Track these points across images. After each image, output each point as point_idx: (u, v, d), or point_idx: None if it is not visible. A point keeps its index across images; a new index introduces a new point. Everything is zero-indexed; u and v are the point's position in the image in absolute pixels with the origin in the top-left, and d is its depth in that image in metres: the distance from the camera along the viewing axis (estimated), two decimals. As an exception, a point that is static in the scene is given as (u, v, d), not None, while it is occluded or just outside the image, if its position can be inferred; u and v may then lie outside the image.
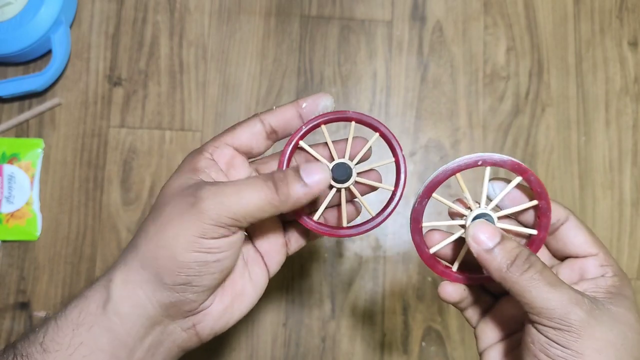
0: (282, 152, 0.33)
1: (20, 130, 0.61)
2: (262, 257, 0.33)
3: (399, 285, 0.59)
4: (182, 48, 0.62)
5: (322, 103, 0.32)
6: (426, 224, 0.33)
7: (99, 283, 0.29)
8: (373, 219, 0.35)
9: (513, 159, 0.30)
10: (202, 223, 0.27)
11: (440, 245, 0.32)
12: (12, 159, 0.60)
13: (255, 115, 0.32)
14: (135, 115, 0.61)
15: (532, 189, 0.30)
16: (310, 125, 0.33)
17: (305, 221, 0.33)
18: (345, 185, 0.34)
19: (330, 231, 0.34)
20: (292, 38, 0.63)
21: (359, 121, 0.35)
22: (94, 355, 0.28)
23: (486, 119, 0.62)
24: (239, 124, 0.32)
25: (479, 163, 0.30)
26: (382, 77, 0.63)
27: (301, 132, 0.34)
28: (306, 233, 0.34)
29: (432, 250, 0.33)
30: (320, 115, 0.33)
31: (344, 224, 0.35)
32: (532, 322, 0.27)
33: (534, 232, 0.30)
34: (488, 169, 0.31)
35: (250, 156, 0.33)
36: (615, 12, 0.64)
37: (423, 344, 0.58)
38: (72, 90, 0.61)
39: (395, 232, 0.60)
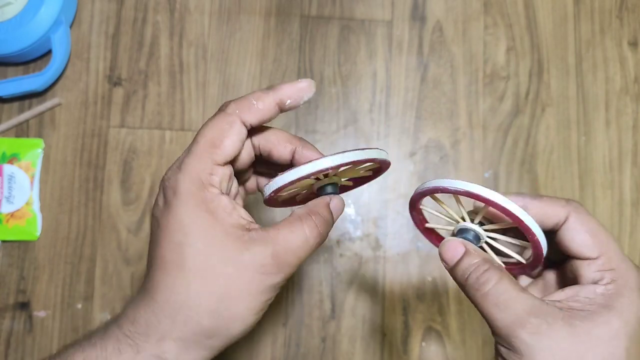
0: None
1: (20, 130, 0.61)
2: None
3: (399, 286, 0.59)
4: (182, 48, 0.62)
5: (306, 95, 0.30)
6: (428, 225, 0.34)
7: (148, 353, 0.27)
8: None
9: (470, 189, 0.27)
10: (271, 292, 0.28)
11: (435, 225, 0.34)
12: (12, 159, 0.60)
13: (232, 115, 0.28)
14: (135, 115, 0.61)
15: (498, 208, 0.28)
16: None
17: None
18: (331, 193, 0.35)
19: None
20: (292, 38, 0.63)
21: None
22: None
23: (486, 119, 0.62)
24: (222, 131, 0.28)
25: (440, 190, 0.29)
26: (382, 77, 0.63)
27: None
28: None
29: (427, 225, 0.34)
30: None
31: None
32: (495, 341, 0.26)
33: (519, 258, 0.28)
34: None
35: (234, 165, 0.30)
36: (615, 12, 0.64)
37: (423, 344, 0.58)
38: (72, 90, 0.62)
39: (395, 232, 0.60)
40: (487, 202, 0.27)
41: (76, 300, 0.58)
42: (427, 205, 0.34)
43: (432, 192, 0.30)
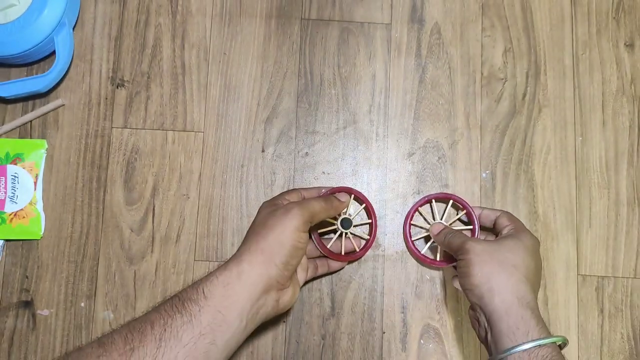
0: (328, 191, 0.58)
1: (24, 131, 0.62)
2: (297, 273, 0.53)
3: (397, 284, 0.60)
4: (184, 50, 0.63)
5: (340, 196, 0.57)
6: (414, 239, 0.61)
7: (232, 264, 0.45)
8: (357, 252, 0.59)
9: (443, 192, 0.61)
10: (296, 221, 0.47)
11: (425, 249, 0.61)
12: (16, 159, 0.60)
13: (298, 190, 0.55)
14: (138, 116, 0.62)
15: (460, 203, 0.60)
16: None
17: (324, 248, 0.57)
18: (346, 230, 0.58)
19: (337, 256, 0.58)
20: (293, 40, 0.64)
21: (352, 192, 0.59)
22: (235, 304, 0.43)
23: (484, 120, 0.63)
24: (290, 192, 0.55)
25: (427, 199, 0.61)
26: (381, 78, 0.63)
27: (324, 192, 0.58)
28: (315, 268, 0.57)
29: (418, 248, 0.61)
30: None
31: (342, 252, 0.58)
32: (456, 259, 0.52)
33: (469, 227, 0.59)
34: (433, 201, 0.61)
35: None
36: (612, 13, 0.65)
37: (421, 341, 0.59)
38: (75, 91, 0.62)
39: (394, 232, 0.61)
40: (462, 204, 0.59)
41: (79, 299, 0.59)
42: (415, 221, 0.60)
43: (425, 202, 0.61)
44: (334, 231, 0.58)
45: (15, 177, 0.60)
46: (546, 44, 0.64)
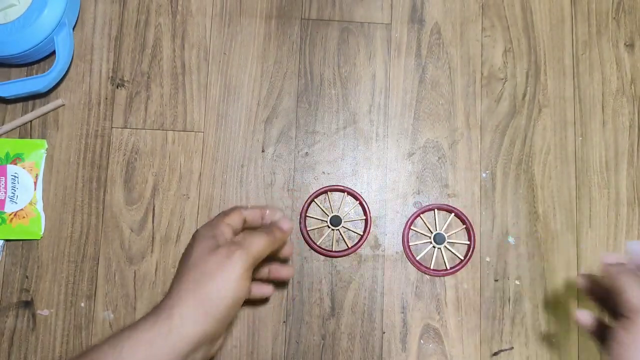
0: (302, 207, 0.61)
1: (24, 131, 0.62)
2: None
3: (397, 284, 0.60)
4: (184, 50, 0.63)
5: (275, 214, 0.51)
6: (412, 243, 0.61)
7: (162, 316, 0.40)
8: (349, 248, 0.60)
9: (446, 204, 0.61)
10: (240, 267, 0.42)
11: (422, 255, 0.60)
12: (16, 159, 0.60)
13: (239, 208, 0.49)
14: (138, 116, 0.62)
15: (460, 218, 0.61)
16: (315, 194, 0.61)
17: (313, 246, 0.60)
18: (336, 228, 0.60)
19: (326, 252, 0.60)
20: (293, 40, 0.64)
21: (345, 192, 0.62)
22: None
23: (484, 120, 0.63)
24: (231, 210, 0.49)
25: (429, 208, 0.61)
26: (381, 78, 0.63)
27: (311, 198, 0.61)
28: (268, 282, 0.54)
29: (417, 257, 0.61)
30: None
31: (333, 248, 0.60)
32: (617, 319, 0.43)
33: (467, 242, 0.55)
34: (435, 211, 0.61)
35: (232, 231, 0.48)
36: (612, 13, 0.65)
37: (421, 341, 0.59)
38: (75, 91, 0.62)
39: (394, 232, 0.61)
40: (462, 218, 0.59)
41: (79, 299, 0.59)
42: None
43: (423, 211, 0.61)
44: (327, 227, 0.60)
45: (15, 177, 0.60)
46: (546, 44, 0.64)
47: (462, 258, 0.60)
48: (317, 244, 0.60)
